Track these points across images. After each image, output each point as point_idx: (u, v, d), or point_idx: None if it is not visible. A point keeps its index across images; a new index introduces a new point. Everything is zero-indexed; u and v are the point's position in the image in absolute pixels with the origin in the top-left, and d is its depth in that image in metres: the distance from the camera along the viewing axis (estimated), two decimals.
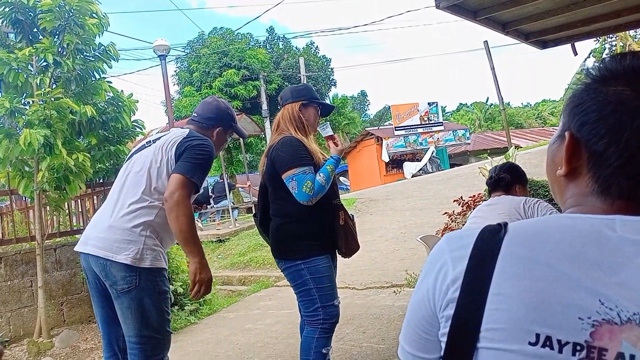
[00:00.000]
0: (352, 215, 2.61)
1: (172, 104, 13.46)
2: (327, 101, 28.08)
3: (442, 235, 4.23)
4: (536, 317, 0.55)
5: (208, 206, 12.18)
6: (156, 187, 2.09)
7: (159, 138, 2.23)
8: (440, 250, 0.67)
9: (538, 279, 0.56)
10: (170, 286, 5.03)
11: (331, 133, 2.55)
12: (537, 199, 2.38)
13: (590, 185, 0.64)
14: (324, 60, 26.32)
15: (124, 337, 2.08)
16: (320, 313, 2.38)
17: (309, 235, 2.39)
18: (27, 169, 4.53)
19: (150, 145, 2.21)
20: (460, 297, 0.61)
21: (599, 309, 0.53)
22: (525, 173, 2.73)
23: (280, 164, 2.35)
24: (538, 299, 0.55)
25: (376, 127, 25.98)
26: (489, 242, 0.62)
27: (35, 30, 4.60)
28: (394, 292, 4.95)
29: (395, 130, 22.25)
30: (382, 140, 22.17)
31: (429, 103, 23.11)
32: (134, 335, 2.03)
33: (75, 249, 2.17)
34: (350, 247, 2.53)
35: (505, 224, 0.65)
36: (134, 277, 1.98)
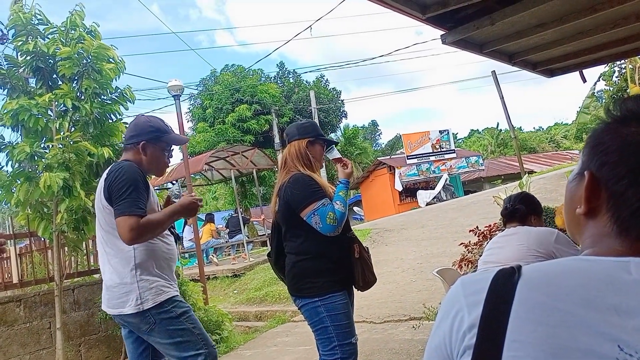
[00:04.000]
0: (367, 248, 2.61)
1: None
2: (339, 132, 28.35)
3: (458, 267, 4.18)
4: None
5: (221, 240, 12.20)
6: (111, 233, 2.18)
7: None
8: (456, 295, 0.67)
9: (555, 324, 0.56)
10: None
11: (338, 156, 2.57)
12: (557, 232, 2.33)
13: (608, 226, 0.64)
14: (334, 92, 26.66)
15: None
16: (337, 352, 2.34)
17: (326, 271, 2.38)
18: (46, 210, 4.61)
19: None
20: (477, 344, 0.60)
21: (619, 355, 0.53)
22: (540, 202, 2.71)
23: (297, 202, 2.35)
24: (556, 346, 0.54)
25: (388, 157, 26.07)
26: (504, 286, 0.62)
27: (54, 76, 4.76)
28: (413, 326, 4.86)
29: (408, 159, 22.29)
30: (394, 169, 22.18)
31: (440, 131, 23.19)
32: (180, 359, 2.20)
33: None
34: (367, 280, 2.51)
35: (519, 267, 0.64)
36: (149, 318, 2.14)
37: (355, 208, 25.90)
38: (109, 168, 2.26)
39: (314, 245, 2.38)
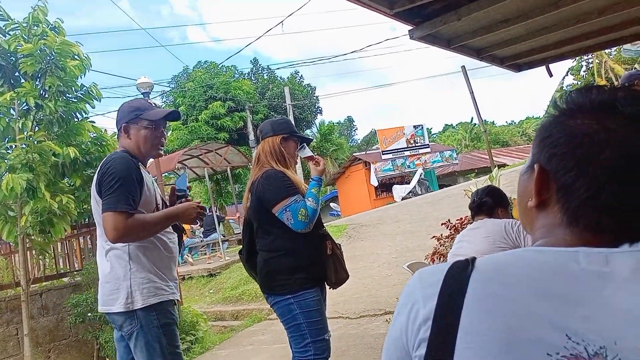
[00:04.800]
0: (339, 245, 2.61)
1: None
2: (314, 128, 28.35)
3: (431, 260, 4.23)
4: (506, 355, 0.54)
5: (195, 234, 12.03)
6: None
7: None
8: (412, 288, 0.67)
9: (506, 315, 0.56)
10: None
11: (310, 154, 2.57)
12: (519, 222, 2.40)
13: (559, 217, 0.65)
14: (309, 88, 26.65)
15: None
16: (310, 349, 2.34)
17: (298, 268, 2.37)
18: (10, 213, 4.46)
19: None
20: (431, 337, 0.60)
21: (567, 344, 0.53)
22: (506, 195, 2.76)
23: (269, 198, 2.34)
24: (507, 336, 0.55)
25: (363, 152, 26.19)
26: (457, 278, 0.62)
27: (16, 74, 4.61)
28: (387, 320, 4.90)
29: (383, 154, 22.44)
30: (370, 164, 22.32)
31: (414, 126, 23.41)
32: None
33: None
34: (340, 277, 2.52)
35: (474, 259, 0.65)
36: (134, 319, 2.07)
37: (332, 204, 25.98)
38: (101, 163, 2.16)
39: (285, 242, 2.37)
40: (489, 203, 2.60)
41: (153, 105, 2.35)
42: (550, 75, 4.97)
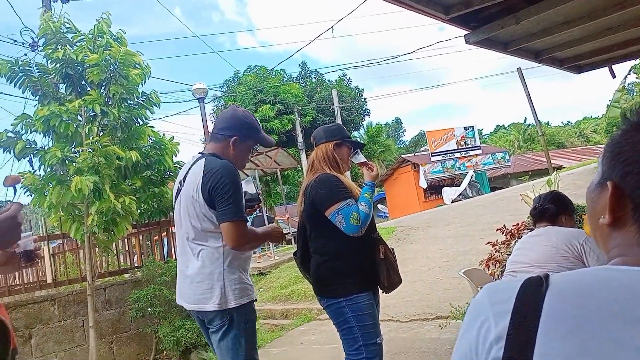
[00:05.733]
0: (392, 249, 2.61)
1: None
2: (362, 130, 28.27)
3: (486, 266, 4.14)
4: None
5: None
6: (204, 229, 2.14)
7: (185, 177, 2.25)
8: (481, 303, 0.65)
9: (585, 338, 0.54)
10: None
11: (364, 160, 2.58)
12: (587, 236, 2.27)
13: (636, 236, 0.62)
14: (357, 90, 26.59)
15: None
16: (362, 352, 2.36)
17: (350, 272, 2.40)
18: (77, 212, 4.75)
19: (182, 187, 2.25)
20: (506, 357, 0.58)
21: None
22: (571, 201, 2.64)
23: (322, 201, 2.38)
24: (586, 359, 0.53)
25: (412, 154, 25.87)
26: (532, 297, 0.60)
27: (83, 82, 4.90)
28: (439, 325, 4.83)
29: (432, 156, 22.09)
30: (418, 166, 22.03)
31: (465, 127, 22.91)
32: None
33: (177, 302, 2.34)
34: (392, 281, 2.51)
35: (547, 277, 0.62)
36: (225, 317, 2.13)
37: (379, 206, 25.81)
38: (203, 164, 2.16)
39: (338, 246, 2.40)
40: (552, 210, 2.49)
41: (259, 127, 2.42)
42: (614, 76, 4.75)
